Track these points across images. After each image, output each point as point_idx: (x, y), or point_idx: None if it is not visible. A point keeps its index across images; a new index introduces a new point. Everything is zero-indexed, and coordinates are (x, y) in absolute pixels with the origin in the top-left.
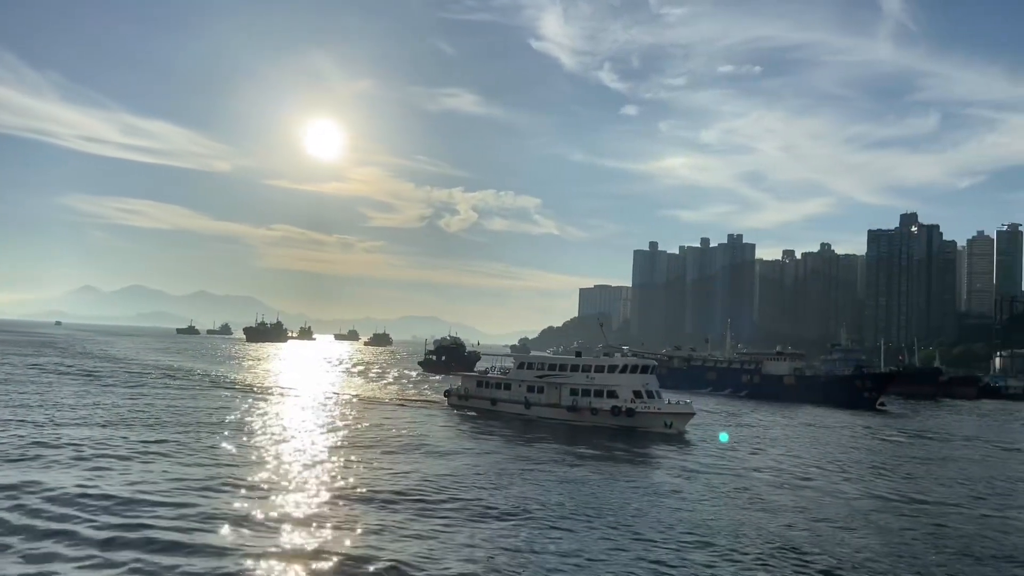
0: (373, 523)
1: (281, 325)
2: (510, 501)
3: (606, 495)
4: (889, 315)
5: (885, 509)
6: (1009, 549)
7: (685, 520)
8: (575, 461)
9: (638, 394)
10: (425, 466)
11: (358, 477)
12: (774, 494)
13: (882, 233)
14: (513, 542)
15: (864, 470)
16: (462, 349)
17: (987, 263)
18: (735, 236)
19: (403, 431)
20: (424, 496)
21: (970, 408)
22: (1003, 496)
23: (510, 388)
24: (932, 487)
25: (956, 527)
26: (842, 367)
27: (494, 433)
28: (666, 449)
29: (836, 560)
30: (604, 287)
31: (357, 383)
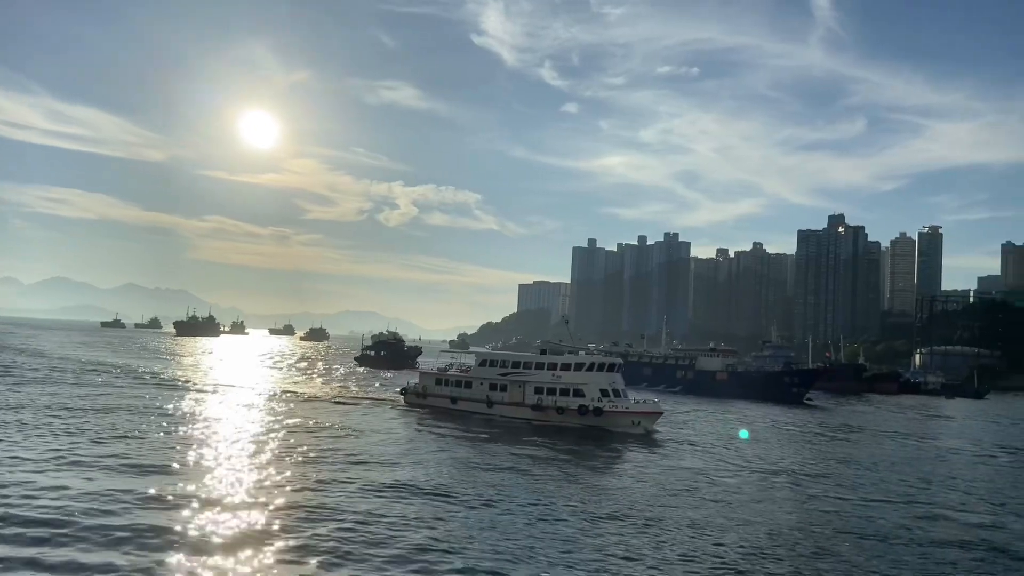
0: (297, 544)
1: (213, 319)
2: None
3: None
4: (817, 313)
5: (798, 499)
6: (913, 535)
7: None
8: (549, 470)
9: (605, 393)
10: (374, 475)
11: (288, 488)
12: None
13: (811, 233)
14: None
15: (785, 465)
16: (402, 344)
17: (909, 263)
18: (671, 235)
19: (351, 432)
20: (362, 512)
21: (890, 403)
22: (912, 487)
23: (471, 386)
24: (849, 482)
25: (870, 521)
26: (772, 363)
27: (454, 434)
28: (639, 450)
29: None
30: (543, 283)
31: (296, 379)
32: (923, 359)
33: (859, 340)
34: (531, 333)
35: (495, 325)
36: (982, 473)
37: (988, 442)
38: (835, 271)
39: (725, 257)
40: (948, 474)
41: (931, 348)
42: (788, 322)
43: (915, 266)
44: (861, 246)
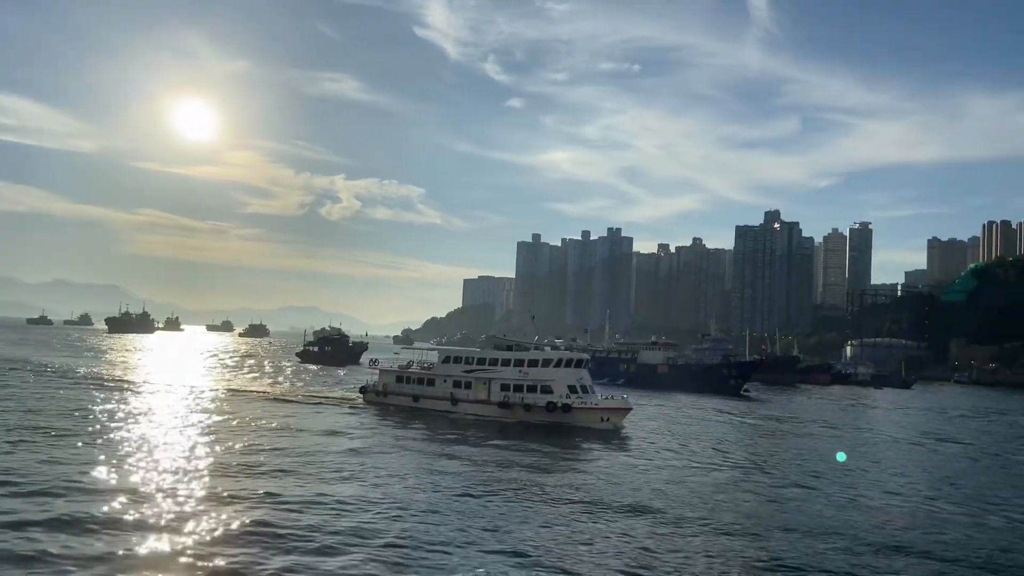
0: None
1: (147, 315)
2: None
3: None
4: (754, 306)
5: (732, 488)
6: (826, 519)
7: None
8: (516, 472)
9: (573, 389)
10: (332, 487)
11: (230, 502)
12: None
13: (748, 229)
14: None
15: (718, 453)
16: (346, 340)
17: (840, 258)
18: (614, 230)
19: (304, 432)
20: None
21: (823, 393)
22: (837, 473)
23: (434, 384)
24: (776, 467)
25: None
26: (711, 356)
27: (417, 434)
28: (608, 447)
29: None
30: (488, 278)
31: (240, 377)
32: (854, 351)
33: (793, 333)
34: (476, 328)
35: (440, 320)
36: (909, 460)
37: (915, 430)
38: (771, 266)
39: (666, 252)
40: (874, 461)
41: (861, 340)
42: (727, 316)
43: (846, 261)
44: (796, 242)
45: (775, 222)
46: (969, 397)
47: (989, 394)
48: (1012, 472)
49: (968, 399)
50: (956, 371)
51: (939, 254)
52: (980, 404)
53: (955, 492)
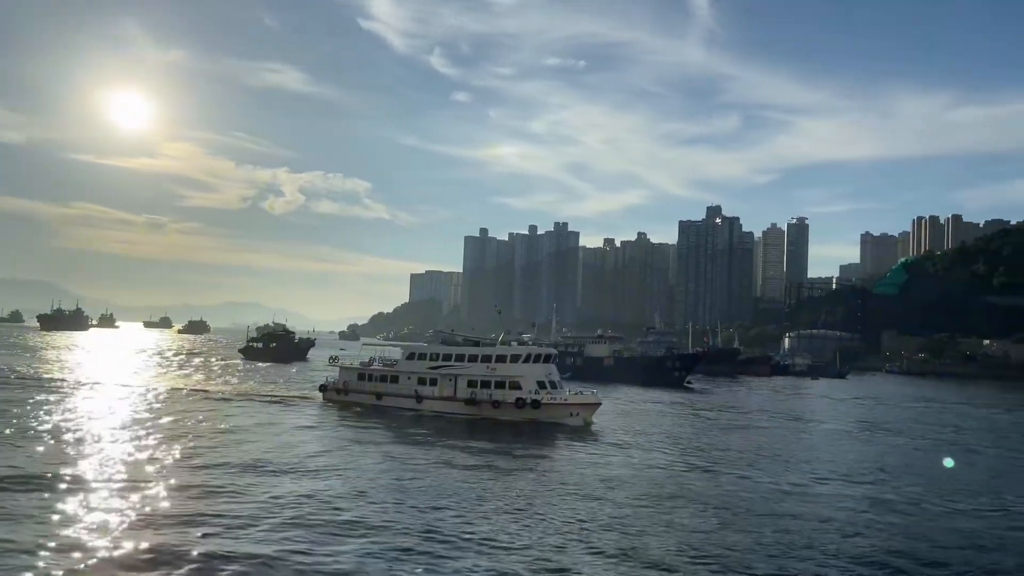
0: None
1: (81, 312)
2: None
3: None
4: (697, 300)
5: (672, 477)
6: (769, 506)
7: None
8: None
9: (542, 384)
10: (284, 486)
11: (182, 511)
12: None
13: (691, 224)
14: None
15: (665, 443)
16: (292, 336)
17: (779, 253)
18: (561, 224)
19: (253, 433)
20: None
21: (763, 384)
22: (774, 462)
23: (398, 381)
24: (717, 455)
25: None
26: (656, 349)
27: (381, 433)
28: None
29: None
30: (435, 272)
31: (185, 375)
32: (791, 342)
33: (734, 325)
34: (424, 323)
35: (387, 315)
36: (842, 447)
37: (848, 419)
38: (713, 260)
39: (612, 247)
40: (809, 448)
41: (798, 332)
42: (671, 309)
43: (784, 255)
44: (736, 236)
45: (717, 217)
46: (899, 386)
47: (918, 383)
48: (937, 457)
49: (898, 388)
50: (888, 362)
51: (872, 248)
52: (909, 393)
53: (885, 476)
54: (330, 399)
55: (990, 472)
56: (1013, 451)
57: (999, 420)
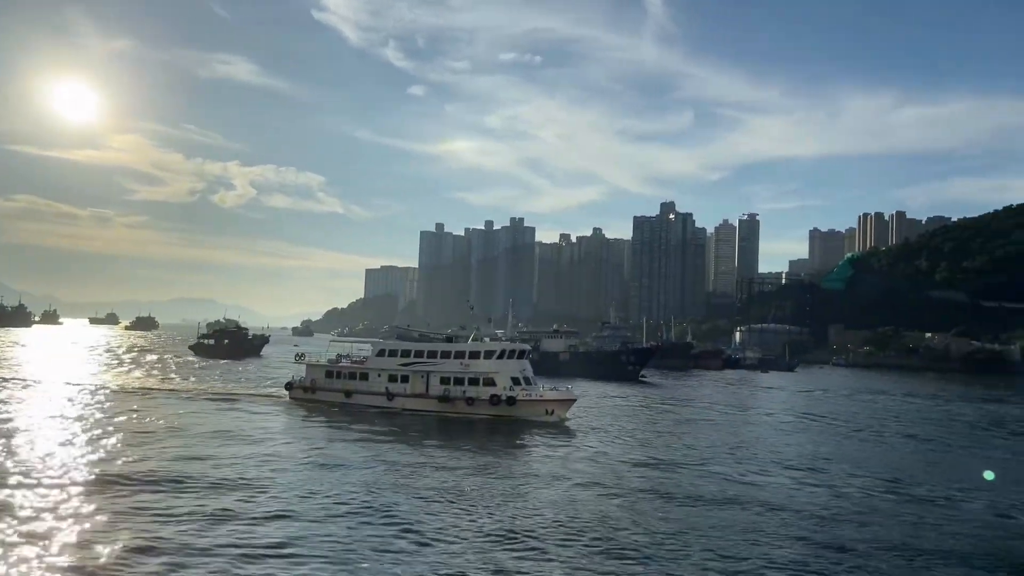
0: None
1: (24, 308)
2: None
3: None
4: (651, 294)
5: (623, 469)
6: (721, 494)
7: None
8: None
9: (517, 381)
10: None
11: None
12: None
13: (645, 220)
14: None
15: (623, 436)
16: (245, 332)
17: (731, 248)
18: (517, 219)
19: (229, 434)
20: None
21: (715, 377)
22: (722, 452)
23: (368, 378)
24: (670, 448)
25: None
26: (611, 343)
27: (352, 432)
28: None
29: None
30: (391, 268)
31: (143, 373)
32: (742, 336)
33: (687, 320)
34: (379, 319)
35: (341, 311)
36: (791, 438)
37: (796, 411)
38: (667, 255)
39: (568, 242)
40: (758, 440)
41: (749, 326)
42: (625, 304)
43: (736, 251)
44: (689, 232)
45: (670, 213)
46: (845, 379)
47: (863, 376)
48: (877, 446)
49: (844, 381)
50: (835, 354)
51: (819, 244)
52: (854, 385)
53: (826, 465)
54: (297, 397)
55: (928, 461)
56: (952, 441)
57: (938, 411)
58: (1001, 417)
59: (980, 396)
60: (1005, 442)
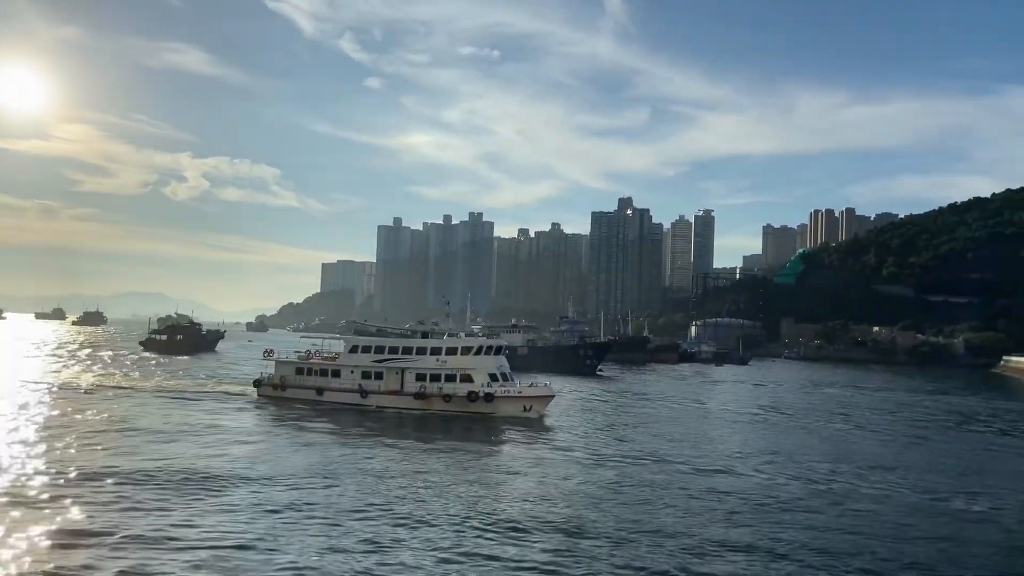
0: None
1: None
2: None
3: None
4: (608, 289)
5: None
6: (682, 485)
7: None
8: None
9: (494, 377)
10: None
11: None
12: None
13: (603, 215)
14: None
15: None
16: (199, 328)
17: (686, 244)
18: (475, 214)
19: (194, 435)
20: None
21: (671, 371)
22: (677, 445)
23: (340, 375)
24: (629, 442)
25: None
26: (569, 338)
27: (328, 431)
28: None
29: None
30: (348, 262)
31: (95, 369)
32: (698, 330)
33: (644, 314)
34: (335, 313)
35: (297, 306)
36: (743, 431)
37: (750, 403)
38: (624, 250)
39: (526, 237)
40: (710, 432)
41: (704, 320)
42: (583, 298)
43: (691, 246)
44: (646, 227)
45: (628, 209)
46: (795, 372)
47: (813, 368)
48: (820, 437)
49: (795, 374)
50: (786, 348)
51: (772, 240)
52: (804, 378)
53: (774, 458)
54: (266, 395)
55: (866, 452)
56: (896, 431)
57: (882, 401)
58: (947, 408)
59: (923, 388)
60: (953, 432)
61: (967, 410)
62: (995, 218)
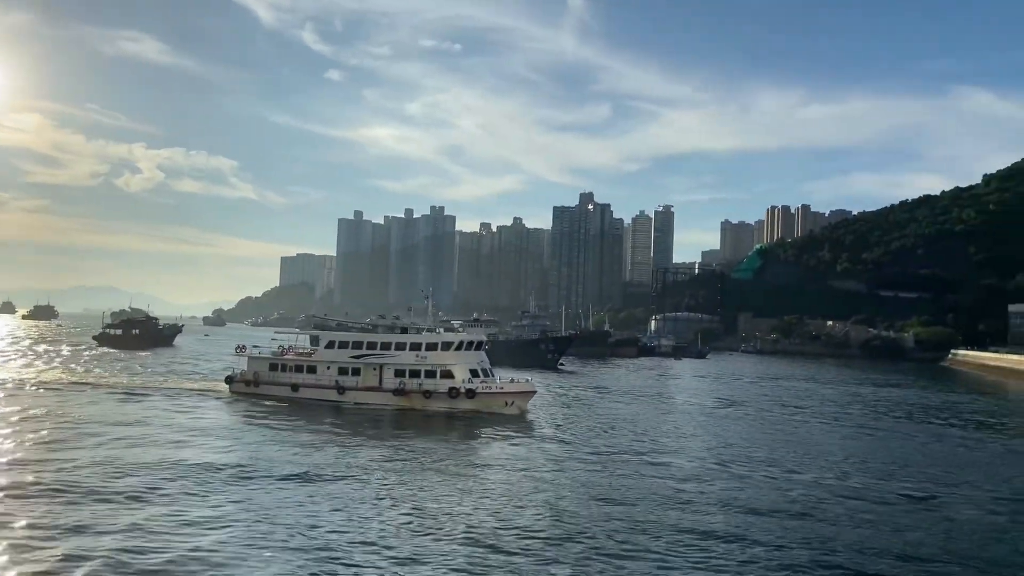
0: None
1: None
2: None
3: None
4: (570, 284)
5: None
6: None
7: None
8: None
9: (475, 373)
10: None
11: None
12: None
13: (565, 210)
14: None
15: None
16: (155, 322)
17: (647, 239)
18: (437, 208)
19: (166, 433)
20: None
21: (631, 365)
22: (641, 439)
23: (316, 371)
24: (591, 438)
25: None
26: (530, 332)
27: (307, 429)
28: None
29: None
30: (307, 256)
31: (55, 366)
32: (657, 325)
33: (605, 308)
34: (295, 307)
35: (256, 300)
36: (701, 422)
37: (708, 396)
38: (585, 245)
39: (488, 231)
40: (670, 424)
41: (664, 315)
42: (545, 292)
43: (651, 241)
44: (608, 222)
45: (589, 204)
46: (752, 365)
47: (769, 362)
48: (774, 428)
49: (750, 367)
50: (743, 342)
51: (730, 235)
52: (761, 371)
53: (727, 450)
54: (238, 391)
55: (814, 442)
56: (846, 422)
57: (835, 393)
58: (898, 400)
59: (875, 381)
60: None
61: (917, 402)
62: (944, 215)
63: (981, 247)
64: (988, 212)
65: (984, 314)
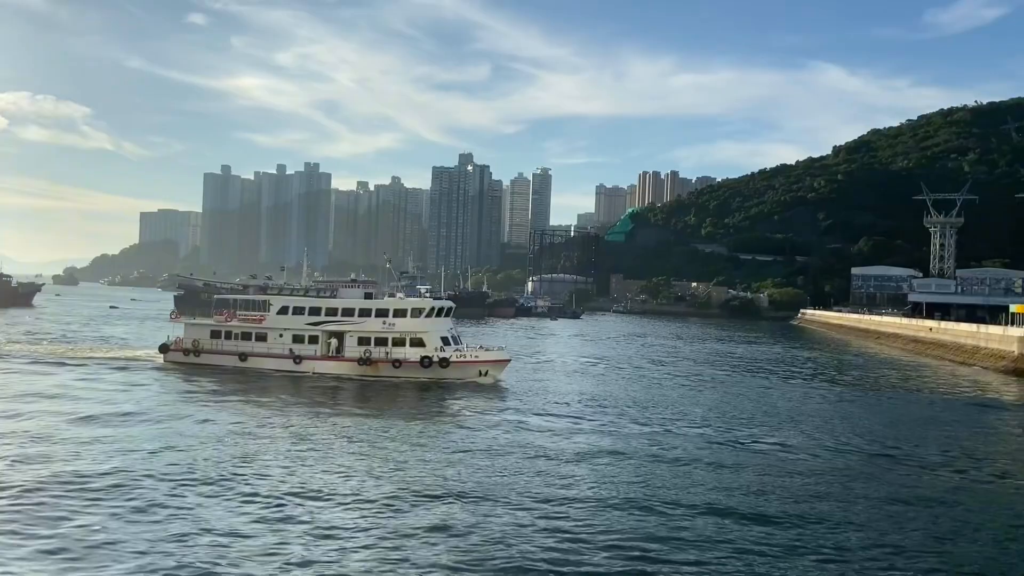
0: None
1: None
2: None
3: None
4: (449, 244)
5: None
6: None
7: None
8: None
9: (446, 341)
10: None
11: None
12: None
13: (444, 170)
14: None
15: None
16: (8, 280)
17: (525, 201)
18: (312, 165)
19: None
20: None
21: (509, 325)
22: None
23: (267, 339)
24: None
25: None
26: (409, 293)
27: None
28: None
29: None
30: (170, 212)
31: None
32: (534, 286)
33: (484, 269)
34: (156, 266)
35: (112, 257)
36: (574, 381)
37: (579, 354)
38: (464, 206)
39: (366, 190)
40: (545, 383)
41: (540, 276)
42: (424, 253)
43: (529, 203)
44: (487, 184)
45: (468, 164)
46: (622, 325)
47: (638, 321)
48: (638, 381)
49: (620, 327)
50: (615, 302)
51: (604, 199)
52: (629, 331)
53: (595, 404)
54: (175, 361)
55: (671, 397)
56: (697, 376)
57: (694, 352)
58: (752, 356)
59: (732, 338)
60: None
61: (770, 357)
62: (797, 184)
63: (829, 213)
64: (836, 181)
65: (830, 276)
